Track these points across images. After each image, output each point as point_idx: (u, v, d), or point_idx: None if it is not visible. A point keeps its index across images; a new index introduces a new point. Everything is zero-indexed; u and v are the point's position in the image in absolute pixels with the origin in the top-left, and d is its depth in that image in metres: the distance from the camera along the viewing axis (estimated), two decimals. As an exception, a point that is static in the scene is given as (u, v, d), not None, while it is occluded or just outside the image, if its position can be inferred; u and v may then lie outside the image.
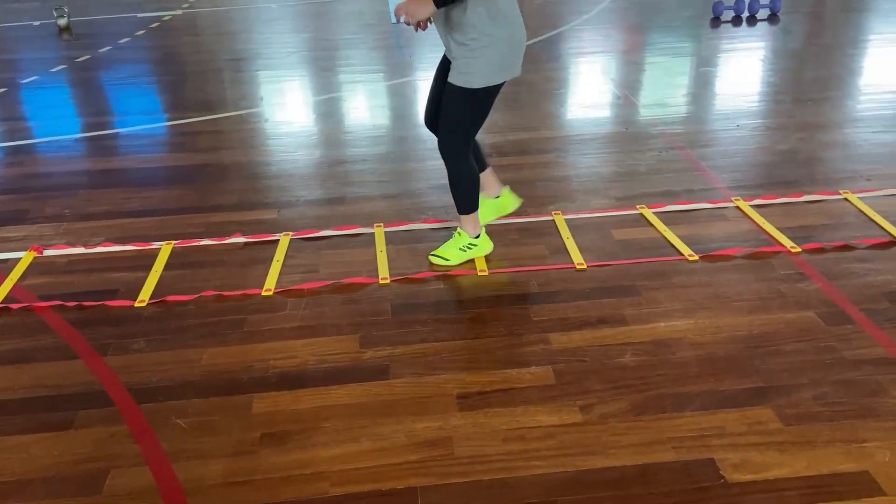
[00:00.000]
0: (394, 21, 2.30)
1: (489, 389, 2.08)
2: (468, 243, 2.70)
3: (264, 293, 2.60)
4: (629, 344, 2.25)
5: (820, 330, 2.29)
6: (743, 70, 5.36)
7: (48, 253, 2.95)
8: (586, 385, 2.08)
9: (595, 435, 1.90)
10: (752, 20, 6.85)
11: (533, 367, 2.16)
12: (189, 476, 1.81)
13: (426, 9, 2.25)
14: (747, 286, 2.54)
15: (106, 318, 2.50)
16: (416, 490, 1.75)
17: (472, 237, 2.70)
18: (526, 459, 1.83)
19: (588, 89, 5.17)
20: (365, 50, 6.54)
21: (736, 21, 6.87)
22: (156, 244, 2.98)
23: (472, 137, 2.56)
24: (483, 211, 2.80)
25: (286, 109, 4.94)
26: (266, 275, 2.71)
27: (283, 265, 2.78)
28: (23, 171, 3.94)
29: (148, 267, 2.80)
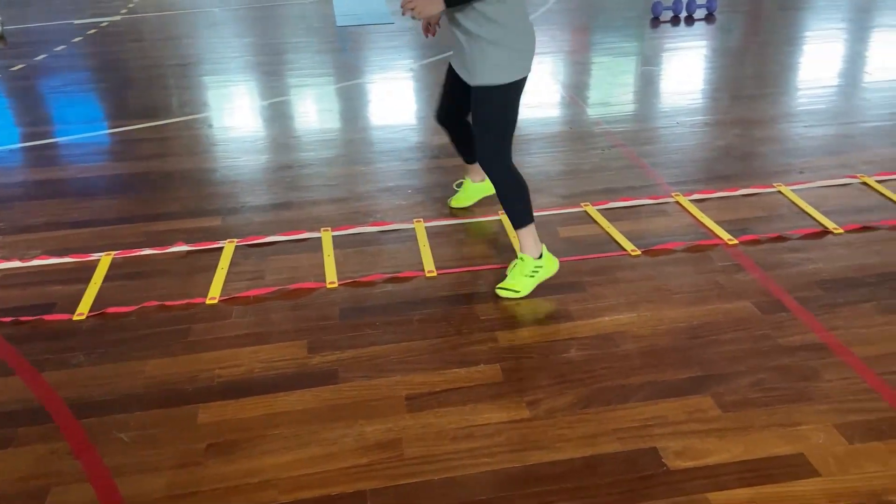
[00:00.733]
0: (391, 22, 2.30)
1: (438, 389, 2.09)
2: (533, 268, 2.53)
3: (209, 302, 2.56)
4: (575, 339, 2.29)
5: (756, 319, 2.36)
6: (683, 68, 5.50)
7: (-18, 268, 2.86)
8: (533, 381, 2.11)
9: (542, 430, 1.93)
10: (690, 20, 7.02)
11: (481, 366, 2.18)
12: (132, 491, 1.78)
13: (435, 5, 2.22)
14: (687, 279, 2.61)
15: (43, 333, 2.43)
16: (366, 493, 1.75)
17: (535, 258, 2.53)
18: (475, 457, 1.84)
19: (534, 90, 5.23)
20: (310, 53, 6.49)
21: (675, 21, 7.04)
22: (95, 255, 2.91)
23: (509, 139, 2.47)
24: (470, 193, 3.14)
25: (232, 114, 4.87)
26: (210, 283, 2.67)
27: (228, 273, 2.75)
28: (-46, 184, 3.81)
29: (87, 279, 2.73)
